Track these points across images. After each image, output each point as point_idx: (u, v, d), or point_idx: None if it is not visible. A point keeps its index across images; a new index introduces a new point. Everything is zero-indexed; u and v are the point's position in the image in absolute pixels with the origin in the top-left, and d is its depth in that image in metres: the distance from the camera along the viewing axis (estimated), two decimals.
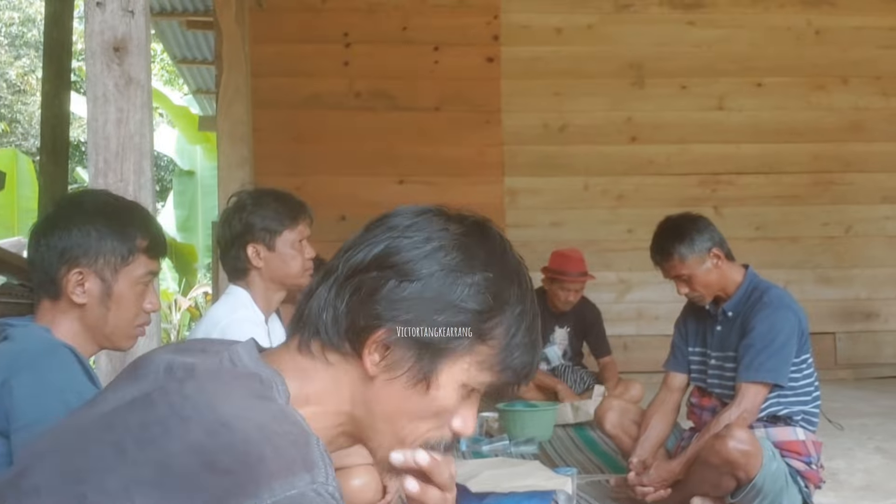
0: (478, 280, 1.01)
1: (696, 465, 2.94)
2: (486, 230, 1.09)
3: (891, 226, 7.26)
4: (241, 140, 5.36)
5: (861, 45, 7.27)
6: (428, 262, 1.01)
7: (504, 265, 1.06)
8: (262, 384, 0.98)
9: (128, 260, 1.74)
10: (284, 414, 0.95)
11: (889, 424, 4.88)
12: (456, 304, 1.00)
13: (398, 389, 1.01)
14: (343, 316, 1.01)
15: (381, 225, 1.08)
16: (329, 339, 1.02)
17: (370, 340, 1.00)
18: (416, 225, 1.05)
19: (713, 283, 3.08)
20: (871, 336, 7.21)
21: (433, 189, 6.86)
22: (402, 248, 1.02)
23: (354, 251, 1.05)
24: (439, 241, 1.03)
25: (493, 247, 1.06)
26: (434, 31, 6.96)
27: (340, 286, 1.03)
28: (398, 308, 1.00)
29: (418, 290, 1.00)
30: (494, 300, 1.02)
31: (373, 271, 1.01)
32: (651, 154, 7.07)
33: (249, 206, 2.48)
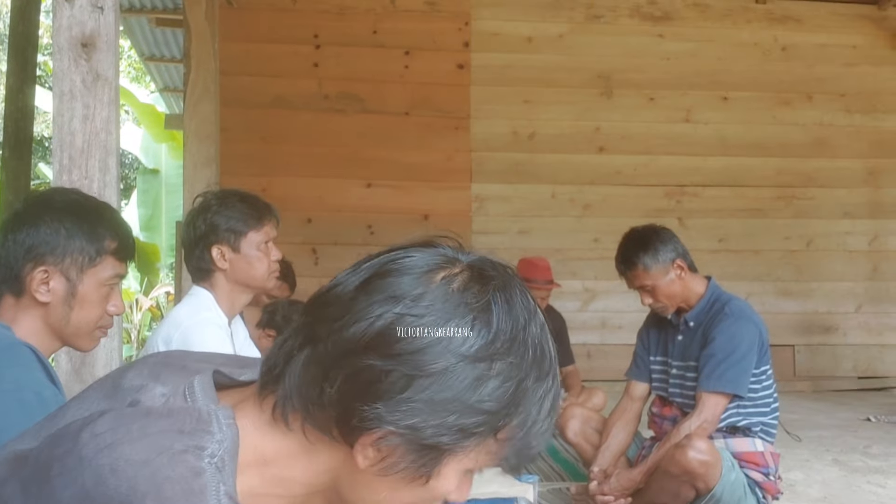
0: (499, 369, 0.85)
1: (656, 474, 2.96)
2: (510, 295, 0.89)
3: (851, 241, 7.37)
4: (207, 139, 5.32)
5: (826, 63, 7.39)
6: (442, 352, 0.83)
7: (528, 341, 0.88)
8: (199, 420, 0.85)
9: (95, 261, 1.71)
10: (185, 456, 0.82)
11: (846, 437, 4.95)
12: (471, 405, 0.84)
13: (391, 482, 0.87)
14: (333, 403, 0.85)
15: (381, 288, 0.86)
16: (313, 420, 0.87)
17: (363, 440, 0.85)
18: (426, 296, 0.85)
19: (676, 293, 3.11)
20: (829, 349, 7.32)
21: (401, 193, 6.86)
22: (410, 332, 0.83)
23: (348, 320, 0.85)
24: (457, 321, 0.84)
25: (517, 317, 0.88)
26: (405, 35, 6.96)
27: (329, 366, 0.85)
28: (402, 410, 0.83)
29: (428, 388, 0.83)
30: (514, 392, 0.86)
31: (372, 356, 0.83)
32: (618, 164, 7.12)
33: (214, 206, 2.45)
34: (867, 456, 4.42)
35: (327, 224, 6.77)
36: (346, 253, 6.77)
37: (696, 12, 7.32)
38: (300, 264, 5.25)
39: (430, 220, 6.90)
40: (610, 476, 3.11)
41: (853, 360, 7.34)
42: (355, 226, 6.82)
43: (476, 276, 0.89)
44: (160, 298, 11.91)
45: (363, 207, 6.84)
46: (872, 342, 7.37)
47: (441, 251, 0.91)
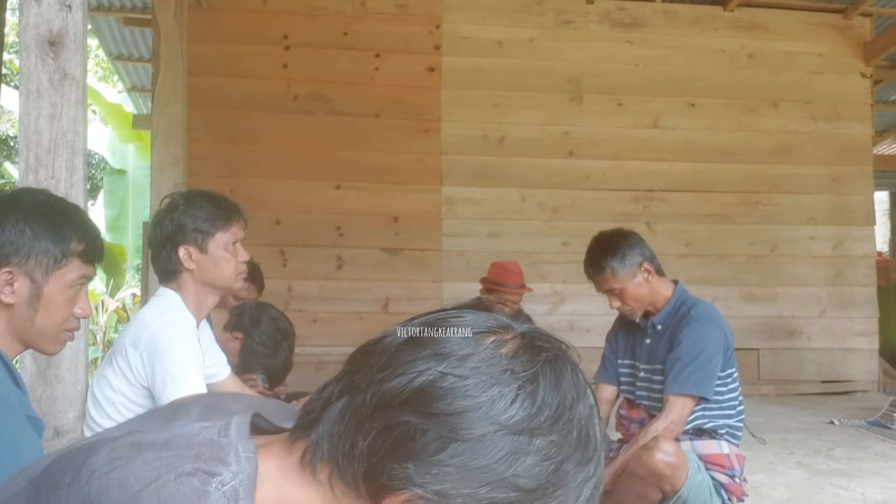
0: (539, 446, 0.80)
1: (623, 476, 2.97)
2: (560, 370, 0.85)
3: (815, 246, 7.47)
4: (175, 139, 5.27)
5: (792, 70, 7.50)
6: (482, 418, 0.79)
7: (573, 421, 0.83)
8: (219, 449, 0.84)
9: (61, 263, 1.68)
10: (191, 479, 0.80)
11: (810, 440, 5.01)
12: (506, 478, 0.79)
13: None
14: (363, 457, 0.81)
15: (428, 345, 0.84)
16: (341, 473, 0.83)
17: (390, 500, 0.81)
18: (472, 357, 0.82)
19: (644, 297, 3.13)
20: (793, 353, 7.41)
21: (370, 195, 6.85)
22: (451, 392, 0.80)
23: (390, 373, 0.83)
24: (500, 388, 0.81)
25: (565, 395, 0.84)
26: (375, 37, 6.95)
27: (365, 417, 0.82)
28: (432, 473, 0.79)
29: (464, 454, 0.79)
30: (553, 472, 0.81)
31: (409, 413, 0.80)
32: (587, 169, 7.17)
33: (182, 206, 2.43)
34: (830, 458, 4.47)
35: (296, 226, 6.74)
36: (315, 255, 6.76)
37: (665, 19, 7.38)
38: (268, 266, 5.23)
39: (400, 222, 6.90)
40: None
41: (817, 364, 7.44)
42: (324, 228, 6.80)
43: (527, 345, 0.86)
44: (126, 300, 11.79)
45: (332, 209, 6.82)
46: (835, 346, 7.47)
47: (495, 316, 0.88)
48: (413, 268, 6.91)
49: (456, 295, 5.97)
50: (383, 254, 6.89)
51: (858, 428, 5.47)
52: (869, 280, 7.59)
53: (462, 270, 6.86)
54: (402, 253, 6.91)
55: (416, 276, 6.89)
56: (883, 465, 4.28)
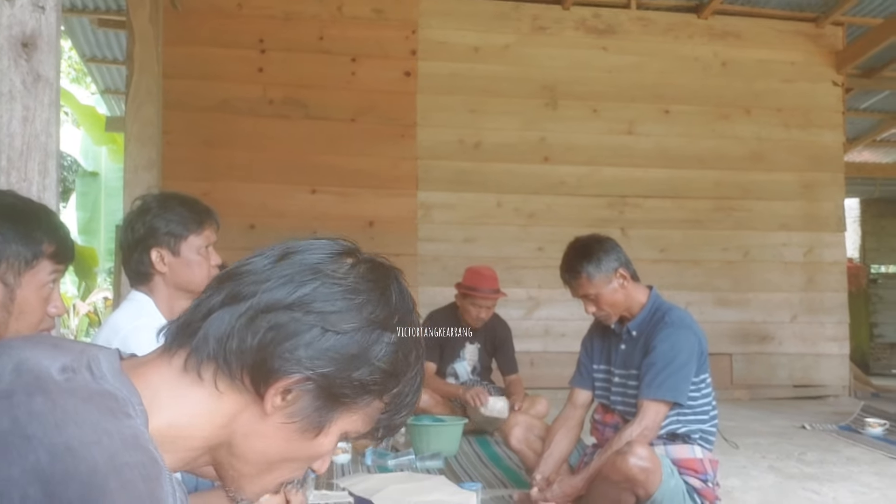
0: (394, 339, 1.00)
1: (597, 480, 2.98)
2: (401, 284, 1.06)
3: (787, 252, 7.55)
4: (149, 142, 5.24)
5: (764, 78, 7.57)
6: (355, 316, 0.98)
7: (412, 323, 1.05)
8: (118, 402, 0.90)
9: (32, 264, 1.67)
10: (138, 441, 0.87)
11: (782, 444, 5.05)
12: (373, 363, 0.98)
13: (287, 432, 0.99)
14: (252, 351, 0.96)
15: (301, 261, 1.01)
16: (227, 367, 0.97)
17: (279, 384, 0.96)
18: (340, 270, 1.01)
19: (619, 302, 3.15)
20: (765, 358, 7.47)
21: (346, 200, 6.84)
22: (330, 296, 0.98)
23: (274, 283, 0.98)
24: (366, 294, 1.00)
25: (405, 304, 1.04)
26: (351, 42, 6.95)
27: (254, 318, 0.96)
28: (319, 358, 0.96)
29: (342, 343, 0.97)
30: (402, 361, 1.01)
31: (297, 312, 0.96)
32: (562, 174, 7.20)
33: (154, 209, 2.41)
34: (802, 463, 4.51)
35: (271, 230, 6.70)
36: None
37: (640, 26, 7.44)
38: None
39: (376, 226, 6.89)
40: (552, 483, 3.13)
41: (789, 368, 7.51)
42: (299, 232, 6.76)
43: (377, 265, 1.06)
44: (98, 304, 11.68)
45: (307, 214, 6.79)
46: (807, 351, 7.54)
47: (341, 242, 1.07)
48: None
49: (431, 300, 5.96)
50: None
51: (830, 432, 5.52)
52: (840, 286, 7.68)
53: (437, 275, 6.85)
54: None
55: None
56: (854, 470, 4.32)
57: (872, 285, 12.45)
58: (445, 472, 4.01)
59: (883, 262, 13.99)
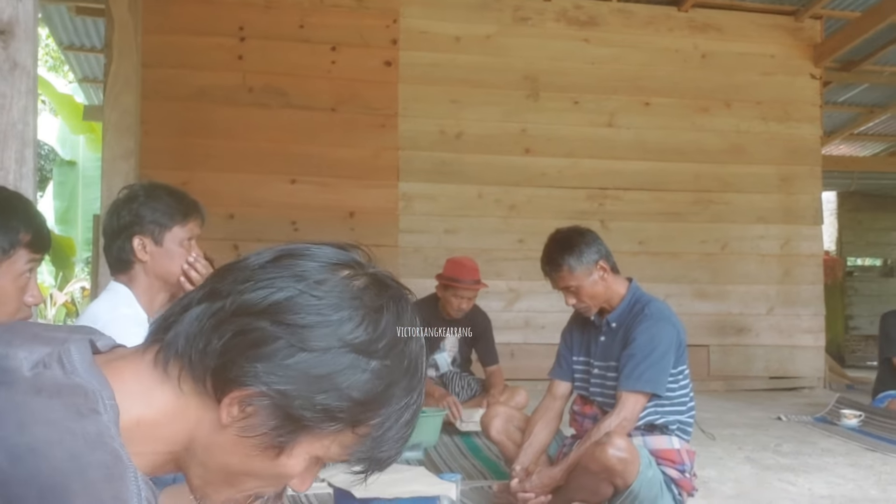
0: (374, 367, 0.91)
1: (576, 471, 2.99)
2: (401, 307, 0.97)
3: (764, 245, 7.60)
4: (127, 131, 5.19)
5: (744, 71, 7.61)
6: (329, 335, 0.90)
7: (406, 353, 0.95)
8: (86, 398, 0.86)
9: (9, 253, 1.66)
10: (102, 440, 0.83)
11: (758, 435, 5.09)
12: (341, 389, 0.90)
13: (245, 447, 0.92)
14: (215, 354, 0.90)
15: (288, 267, 0.94)
16: (192, 368, 0.91)
17: (235, 394, 0.90)
18: (328, 283, 0.93)
19: (599, 294, 3.16)
20: (742, 350, 7.53)
21: (326, 190, 6.81)
22: (305, 308, 0.90)
23: (252, 285, 0.92)
24: (348, 312, 0.91)
25: (403, 329, 0.95)
26: (332, 30, 6.91)
27: (223, 320, 0.91)
28: (278, 374, 0.88)
29: (308, 362, 0.89)
30: (383, 392, 0.92)
31: (265, 320, 0.90)
32: (543, 166, 7.20)
33: (141, 197, 2.40)
34: (778, 454, 4.55)
35: (250, 220, 6.67)
36: None
37: (621, 18, 7.45)
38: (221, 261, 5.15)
39: (356, 217, 6.87)
40: (531, 474, 3.14)
41: (765, 360, 7.57)
42: (279, 222, 6.74)
43: (377, 282, 0.97)
44: (75, 293, 11.60)
45: (287, 204, 6.76)
46: (783, 343, 7.61)
47: (351, 254, 0.99)
48: None
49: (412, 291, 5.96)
50: None
51: (805, 424, 5.58)
52: (816, 278, 7.75)
53: (418, 266, 6.85)
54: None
55: None
56: (829, 461, 4.36)
57: (848, 278, 12.59)
58: (425, 463, 4.01)
59: (859, 255, 14.13)
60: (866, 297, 12.32)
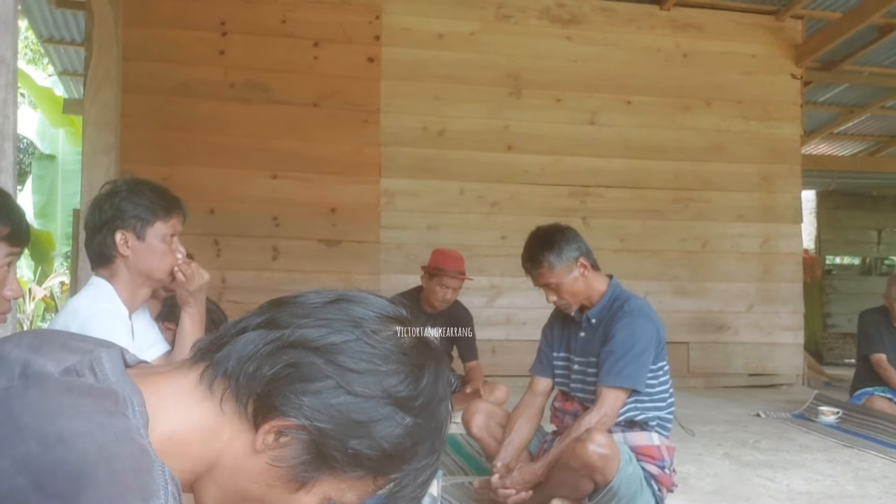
0: (407, 423, 0.95)
1: (556, 467, 3.00)
2: (440, 371, 1.00)
3: (743, 243, 7.65)
4: (108, 125, 5.16)
5: (725, 70, 7.65)
6: (375, 384, 0.93)
7: (435, 415, 0.99)
8: (117, 403, 0.88)
9: None
10: (130, 434, 0.85)
11: (737, 432, 5.13)
12: (375, 438, 0.93)
13: (270, 476, 0.95)
14: (264, 380, 0.93)
15: (346, 310, 0.98)
16: (237, 390, 0.94)
17: (275, 423, 0.93)
18: (381, 333, 0.96)
19: (579, 291, 3.17)
20: (722, 347, 7.58)
21: (307, 186, 6.80)
22: (358, 354, 0.94)
23: (311, 321, 0.96)
24: (396, 365, 0.95)
25: (436, 392, 0.99)
26: (314, 26, 6.89)
27: (279, 349, 0.94)
28: (321, 411, 0.92)
29: (350, 406, 0.92)
30: (409, 448, 0.96)
31: (319, 357, 0.93)
32: (526, 163, 7.21)
33: (124, 192, 2.39)
34: (757, 450, 4.59)
35: (230, 215, 6.65)
36: (250, 245, 6.68)
37: (603, 17, 7.46)
38: (201, 256, 5.14)
39: (338, 213, 6.86)
40: (512, 470, 3.15)
41: (744, 357, 7.63)
42: (260, 217, 6.72)
43: (423, 342, 1.00)
44: (54, 288, 11.51)
45: (268, 199, 6.74)
46: (762, 341, 7.66)
47: (399, 308, 1.03)
48: (350, 259, 6.87)
49: (393, 287, 5.96)
50: (320, 245, 6.84)
51: (784, 420, 5.62)
52: (795, 276, 7.81)
53: (400, 263, 6.85)
54: (339, 244, 6.87)
55: (353, 267, 6.86)
56: (807, 457, 4.40)
57: (827, 276, 12.67)
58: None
59: (837, 254, 14.23)
60: (845, 296, 12.41)
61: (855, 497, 3.62)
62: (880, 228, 13.28)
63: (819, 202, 13.14)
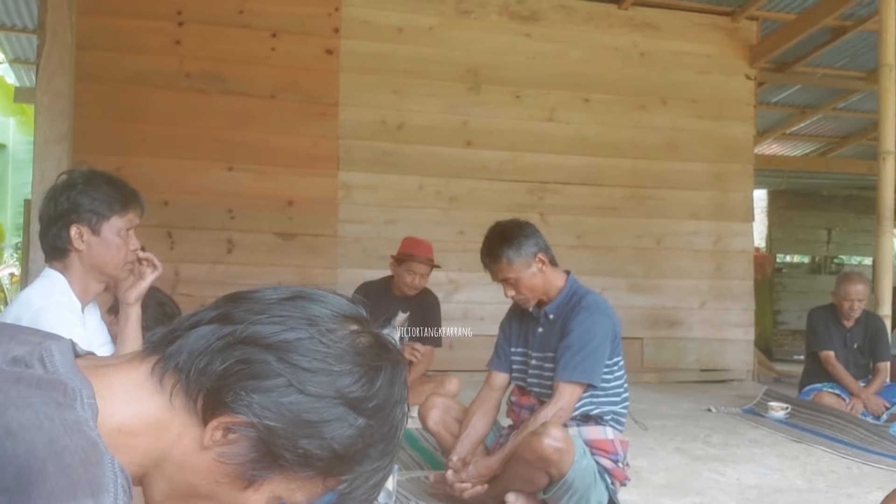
0: (359, 424, 0.93)
1: (512, 461, 3.02)
2: (396, 372, 0.98)
3: (697, 240, 7.76)
4: (60, 115, 5.05)
5: (680, 70, 7.74)
6: (327, 383, 0.92)
7: (389, 418, 0.97)
8: (66, 395, 0.86)
9: None
10: (80, 427, 0.84)
11: (688, 426, 5.20)
12: (325, 439, 0.91)
13: (218, 473, 0.93)
14: (215, 375, 0.91)
15: (303, 308, 0.96)
16: (187, 384, 0.92)
17: (224, 419, 0.91)
18: (336, 333, 0.95)
19: (537, 286, 3.19)
20: (675, 343, 7.68)
21: (264, 178, 6.74)
22: (312, 352, 0.92)
23: (266, 318, 0.94)
24: (350, 366, 0.93)
25: (391, 394, 0.97)
26: (272, 17, 6.83)
27: (231, 344, 0.92)
28: (271, 409, 0.90)
29: (301, 405, 0.90)
30: (361, 450, 0.94)
31: (271, 355, 0.91)
32: (484, 159, 7.23)
33: (80, 185, 2.35)
34: (708, 444, 4.65)
35: (185, 207, 6.57)
36: (205, 237, 6.61)
37: (562, 14, 7.50)
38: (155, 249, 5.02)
39: (295, 206, 6.81)
40: (468, 464, 3.16)
41: (696, 353, 7.73)
42: (215, 210, 6.65)
43: (379, 343, 0.99)
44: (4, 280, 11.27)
45: (223, 191, 6.67)
46: (714, 337, 7.78)
47: (360, 310, 1.01)
48: (307, 253, 6.83)
49: (350, 281, 5.93)
50: (276, 238, 6.79)
51: (734, 415, 5.71)
52: (746, 274, 7.93)
53: (357, 257, 6.83)
54: (295, 238, 6.82)
55: (310, 261, 6.82)
56: (756, 452, 4.48)
57: (777, 274, 12.89)
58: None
59: (788, 252, 14.48)
60: (794, 293, 12.63)
61: (803, 491, 3.69)
62: (830, 228, 13.55)
63: (770, 201, 13.36)
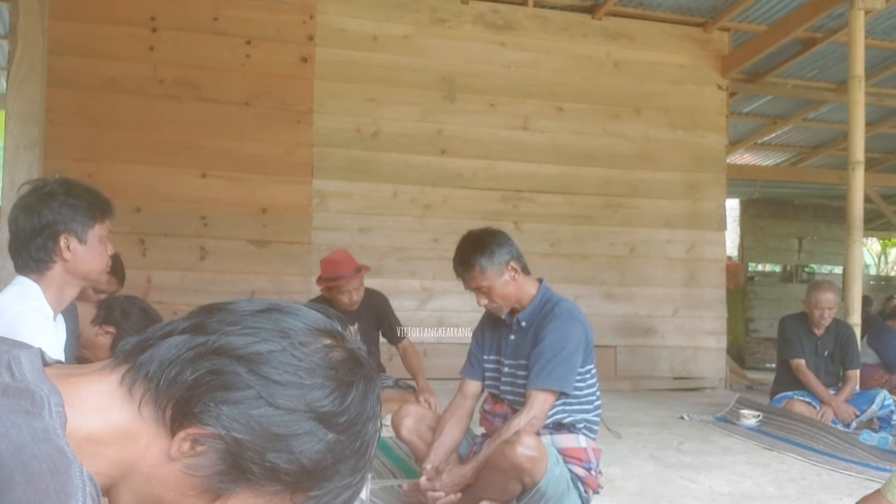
0: (329, 440, 0.91)
1: (485, 469, 3.01)
2: (369, 388, 0.97)
3: (670, 249, 7.81)
4: (31, 120, 5.00)
5: (654, 79, 7.80)
6: (298, 397, 0.90)
7: (361, 433, 0.95)
8: (34, 403, 0.85)
9: None
10: (48, 435, 0.83)
11: (662, 434, 5.22)
12: (293, 453, 0.90)
13: (185, 485, 0.91)
14: (184, 386, 0.90)
15: (277, 321, 0.95)
16: (156, 393, 0.91)
17: (192, 430, 0.89)
18: (309, 346, 0.94)
19: (510, 294, 3.19)
20: (648, 350, 7.72)
21: (238, 185, 6.71)
22: (283, 365, 0.91)
23: (238, 329, 0.93)
24: (322, 380, 0.92)
25: (363, 409, 0.96)
26: (247, 24, 6.81)
27: (202, 355, 0.91)
28: (240, 422, 0.89)
29: (270, 418, 0.89)
30: (330, 466, 0.93)
31: (242, 366, 0.90)
32: (459, 167, 7.24)
33: (61, 196, 2.34)
34: (680, 452, 4.67)
35: (157, 214, 6.52)
36: (177, 244, 6.56)
37: (537, 24, 7.54)
38: (127, 256, 5.05)
39: (268, 213, 6.78)
40: (441, 472, 3.16)
41: (669, 361, 7.78)
42: (188, 217, 6.61)
43: (353, 358, 0.97)
44: None
45: (196, 198, 6.63)
46: (687, 345, 7.83)
47: (332, 322, 1.00)
48: (281, 261, 6.81)
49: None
50: (250, 245, 6.76)
51: (707, 423, 5.74)
52: (719, 282, 8.00)
53: None
54: (269, 245, 6.80)
55: (283, 269, 6.80)
56: (729, 459, 4.50)
57: (749, 283, 13.03)
58: None
59: (760, 261, 14.62)
60: (766, 302, 12.76)
61: (774, 498, 3.72)
62: (801, 237, 13.70)
63: (742, 210, 13.49)
